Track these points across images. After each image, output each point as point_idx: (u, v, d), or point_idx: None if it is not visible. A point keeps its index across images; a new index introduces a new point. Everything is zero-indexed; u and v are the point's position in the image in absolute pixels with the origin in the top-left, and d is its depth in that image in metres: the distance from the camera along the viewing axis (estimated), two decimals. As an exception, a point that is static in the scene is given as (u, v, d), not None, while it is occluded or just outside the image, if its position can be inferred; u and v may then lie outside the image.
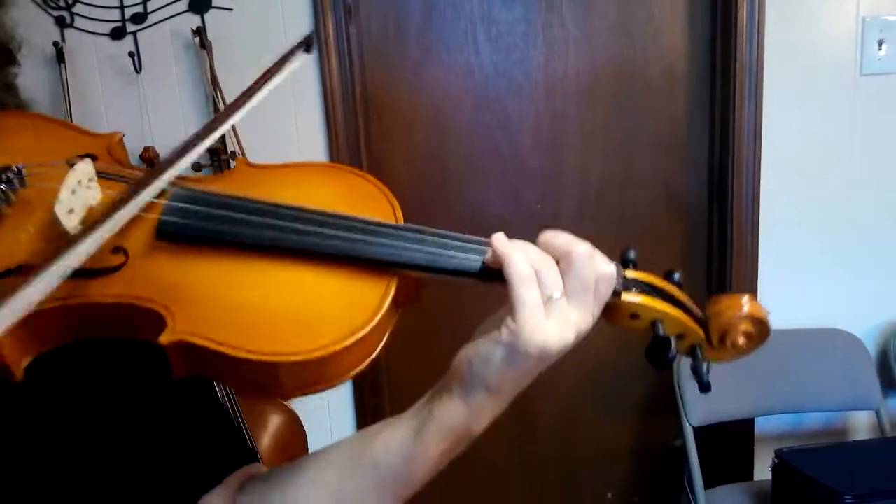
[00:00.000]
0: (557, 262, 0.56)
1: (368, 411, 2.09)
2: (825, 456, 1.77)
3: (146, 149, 1.84)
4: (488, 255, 0.57)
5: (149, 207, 0.55)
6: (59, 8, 1.84)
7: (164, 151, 1.86)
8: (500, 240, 0.56)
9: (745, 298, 0.61)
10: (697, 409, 1.94)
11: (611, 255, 0.61)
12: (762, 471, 2.08)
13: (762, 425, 2.17)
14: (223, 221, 0.55)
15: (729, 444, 2.16)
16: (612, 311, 0.59)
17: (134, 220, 0.54)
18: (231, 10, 1.85)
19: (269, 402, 1.72)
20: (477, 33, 2.00)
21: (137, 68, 1.87)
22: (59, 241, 0.51)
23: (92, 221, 0.51)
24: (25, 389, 0.52)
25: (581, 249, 0.56)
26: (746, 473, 2.17)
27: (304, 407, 1.80)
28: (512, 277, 0.54)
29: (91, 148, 0.62)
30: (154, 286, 0.52)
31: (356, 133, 1.95)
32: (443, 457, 0.59)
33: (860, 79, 1.98)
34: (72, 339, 0.53)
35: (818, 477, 1.66)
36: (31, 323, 0.49)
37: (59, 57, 1.81)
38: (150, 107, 1.89)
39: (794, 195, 2.05)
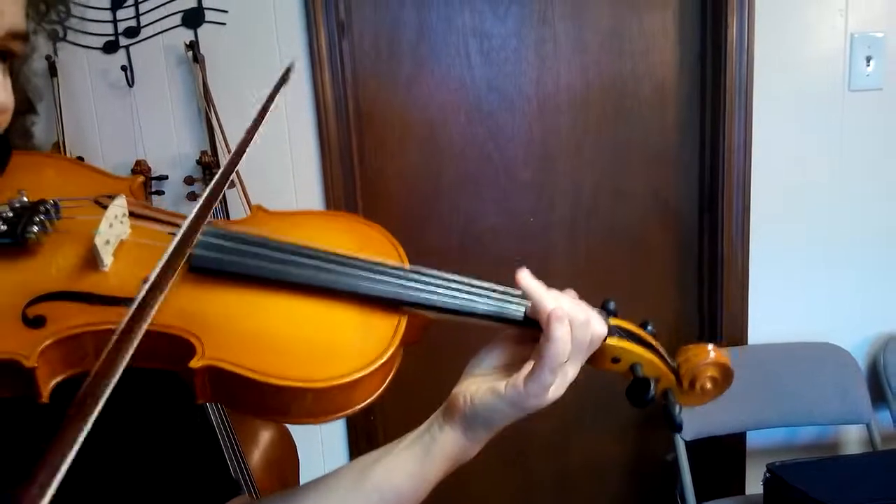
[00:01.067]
0: None
1: (360, 432, 2.09)
2: (816, 470, 1.77)
3: (138, 162, 1.84)
4: (529, 310, 0.62)
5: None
6: (52, 22, 1.83)
7: (155, 165, 1.87)
8: (560, 319, 0.59)
9: (710, 347, 0.69)
10: (689, 424, 1.94)
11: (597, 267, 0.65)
12: (754, 485, 2.08)
13: (754, 439, 2.17)
14: (251, 257, 0.59)
15: (721, 458, 2.16)
16: (595, 356, 0.66)
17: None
18: (224, 24, 1.86)
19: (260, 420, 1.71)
20: (469, 48, 2.01)
21: (130, 82, 1.87)
22: (92, 268, 0.56)
23: (134, 259, 0.57)
24: (43, 410, 0.52)
25: (581, 318, 0.61)
26: (738, 487, 2.17)
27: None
28: (549, 357, 0.58)
29: (113, 189, 0.65)
30: (184, 316, 0.55)
31: (349, 147, 1.95)
32: (440, 479, 0.63)
33: (848, 94, 2.00)
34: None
35: (810, 491, 1.66)
36: (68, 345, 0.52)
37: (52, 71, 1.81)
38: (142, 121, 1.89)
39: (784, 209, 2.06)
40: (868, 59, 1.98)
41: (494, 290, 0.66)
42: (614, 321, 0.68)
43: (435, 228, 2.10)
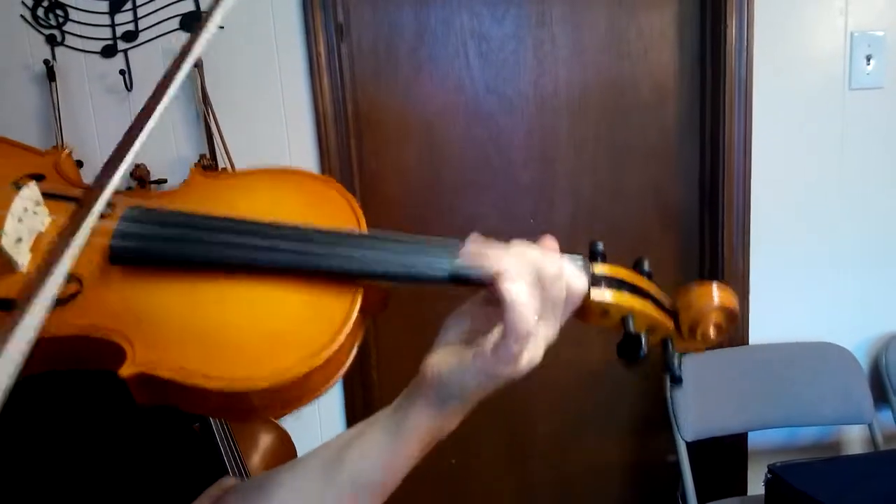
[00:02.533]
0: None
1: (358, 415, 2.08)
2: (818, 471, 1.77)
3: (137, 167, 1.84)
4: (460, 262, 0.56)
5: (100, 231, 0.53)
6: (50, 26, 1.84)
7: (154, 169, 1.86)
8: (497, 257, 0.54)
9: (715, 287, 0.61)
10: (690, 424, 1.94)
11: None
12: (755, 485, 2.07)
13: (755, 440, 2.17)
14: (177, 241, 0.53)
15: (722, 459, 2.16)
16: (581, 311, 0.58)
17: (86, 245, 0.51)
18: (222, 28, 1.85)
19: (259, 422, 1.71)
20: (468, 50, 2.01)
21: (128, 86, 1.87)
22: (8, 272, 0.49)
23: (44, 251, 0.50)
24: None
25: (551, 269, 0.54)
26: (740, 488, 2.16)
27: (293, 415, 1.80)
28: (513, 327, 0.52)
29: (38, 167, 0.59)
30: (111, 314, 0.50)
31: (348, 150, 1.95)
32: (418, 456, 0.58)
33: (848, 93, 2.00)
34: (31, 373, 0.50)
35: (811, 492, 1.65)
36: None
37: (50, 75, 1.81)
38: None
39: (785, 209, 2.05)
40: (868, 58, 1.97)
41: (452, 248, 0.59)
42: (602, 268, 0.60)
43: (434, 231, 2.06)
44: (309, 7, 1.85)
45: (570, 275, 0.56)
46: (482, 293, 0.58)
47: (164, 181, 1.88)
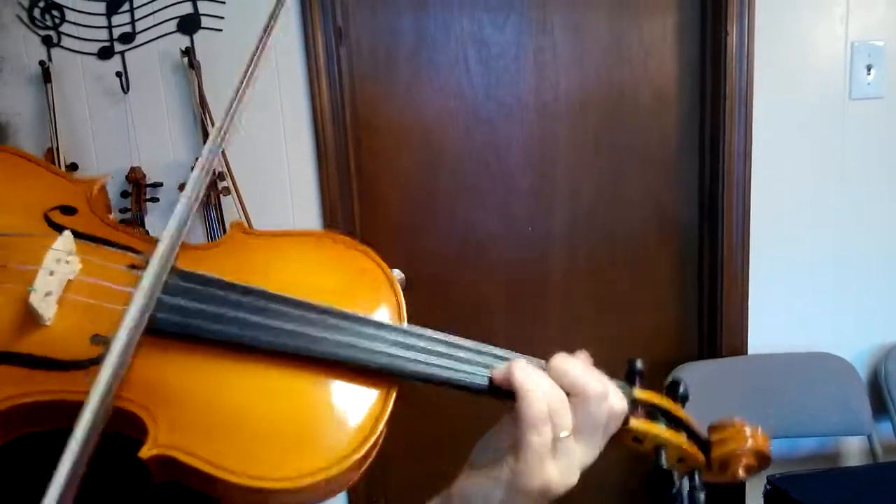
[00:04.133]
0: (568, 395, 0.53)
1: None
2: (817, 482, 1.76)
3: (132, 169, 1.82)
4: (499, 375, 0.53)
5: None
6: (46, 27, 1.82)
7: (150, 172, 1.85)
8: (521, 370, 0.52)
9: (749, 431, 0.61)
10: (689, 434, 1.92)
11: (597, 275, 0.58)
12: (754, 496, 2.06)
13: (754, 450, 2.15)
14: (219, 321, 0.50)
15: (720, 469, 2.14)
16: (616, 435, 0.57)
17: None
18: (220, 30, 1.84)
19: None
20: (468, 55, 2.00)
21: (125, 88, 1.85)
22: (34, 327, 0.47)
23: (77, 305, 0.48)
24: None
25: (597, 389, 0.53)
26: (739, 499, 2.15)
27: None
28: (525, 418, 0.50)
29: (70, 197, 0.57)
30: (137, 385, 0.47)
31: (346, 155, 1.94)
32: None
33: (849, 103, 1.99)
34: (41, 429, 0.48)
35: (810, 503, 1.64)
36: (6, 415, 0.45)
37: (46, 76, 1.79)
38: (137, 127, 1.87)
39: (784, 218, 2.05)
40: (869, 68, 1.97)
41: (496, 356, 0.55)
42: (642, 393, 0.59)
43: (432, 236, 2.08)
44: (308, 10, 1.84)
45: (614, 396, 0.54)
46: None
47: (161, 184, 1.86)
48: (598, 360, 0.59)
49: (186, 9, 1.83)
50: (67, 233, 0.51)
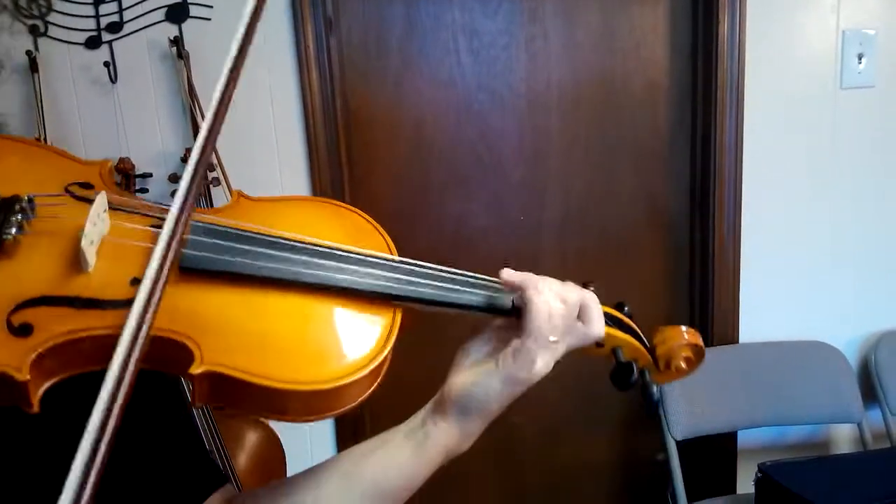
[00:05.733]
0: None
1: (348, 425, 2.06)
2: (808, 470, 1.77)
3: (121, 160, 1.81)
4: (515, 283, 0.65)
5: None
6: (33, 16, 1.80)
7: (139, 163, 1.83)
8: (538, 288, 0.64)
9: (684, 329, 0.74)
10: (680, 423, 1.93)
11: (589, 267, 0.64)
12: (745, 484, 2.07)
13: (745, 438, 2.16)
14: (244, 255, 0.58)
15: (712, 458, 2.16)
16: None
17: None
18: (209, 19, 1.83)
19: (246, 420, 1.68)
20: (459, 45, 1.99)
21: (113, 78, 1.83)
22: (79, 272, 0.53)
23: (118, 255, 0.55)
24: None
25: (574, 295, 0.65)
26: (730, 487, 2.16)
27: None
28: (533, 327, 0.62)
29: (84, 175, 0.62)
30: (177, 318, 0.53)
31: (337, 146, 1.93)
32: (436, 467, 0.65)
33: (840, 92, 1.99)
34: (89, 369, 0.52)
35: (801, 491, 1.65)
36: (57, 353, 0.50)
37: (33, 66, 1.77)
38: (125, 117, 1.85)
39: (775, 208, 2.05)
40: (860, 57, 1.97)
41: (483, 281, 0.67)
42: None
43: (424, 228, 2.08)
44: (298, 1, 1.82)
45: (594, 304, 0.66)
46: (500, 321, 0.67)
47: (150, 175, 1.85)
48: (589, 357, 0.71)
49: (175, -2, 1.81)
50: (103, 192, 0.58)
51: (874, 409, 2.04)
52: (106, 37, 1.83)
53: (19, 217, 0.54)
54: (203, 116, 1.79)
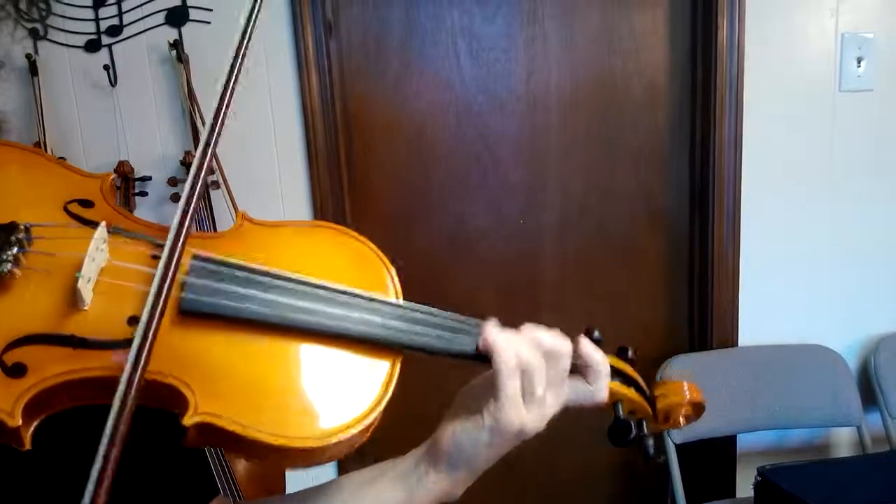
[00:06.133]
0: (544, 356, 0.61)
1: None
2: (807, 473, 1.77)
3: (121, 163, 1.81)
4: (480, 342, 0.61)
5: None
6: (33, 19, 1.79)
7: (138, 166, 1.83)
8: (490, 332, 0.60)
9: (685, 385, 0.72)
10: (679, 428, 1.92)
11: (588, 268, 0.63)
12: (744, 487, 2.07)
13: (744, 442, 2.16)
14: (246, 300, 0.55)
15: (711, 461, 2.15)
16: None
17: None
18: (209, 23, 1.83)
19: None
20: (458, 47, 1.99)
21: (112, 81, 1.83)
22: (75, 310, 0.51)
23: (111, 292, 0.52)
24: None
25: (564, 348, 0.62)
26: (729, 490, 2.16)
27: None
28: (499, 371, 0.59)
29: (84, 190, 0.60)
30: (172, 361, 0.51)
31: (336, 148, 1.93)
32: None
33: (839, 95, 1.99)
34: (82, 404, 0.52)
35: (800, 494, 1.65)
36: (50, 393, 0.48)
37: (32, 69, 1.77)
38: (125, 120, 1.86)
39: (774, 210, 2.05)
40: (859, 60, 1.97)
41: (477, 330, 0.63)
42: None
43: (423, 230, 2.08)
44: (297, 3, 1.82)
45: (602, 366, 0.65)
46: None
47: (149, 178, 1.85)
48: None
49: (174, 1, 1.82)
50: (103, 223, 0.55)
51: (873, 412, 2.04)
52: (106, 40, 1.83)
53: (15, 251, 0.51)
54: (202, 119, 1.79)
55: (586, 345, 0.65)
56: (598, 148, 2.08)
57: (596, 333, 0.69)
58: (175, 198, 1.82)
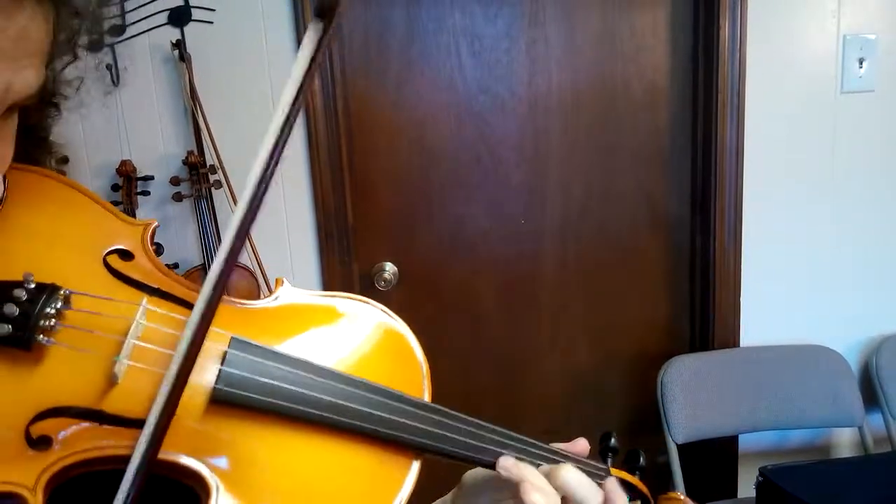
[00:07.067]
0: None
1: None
2: (809, 473, 1.77)
3: (123, 163, 1.81)
4: (503, 470, 0.60)
5: (202, 365, 0.52)
6: (35, 19, 1.80)
7: (141, 166, 1.83)
8: (529, 484, 0.59)
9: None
10: (681, 427, 1.93)
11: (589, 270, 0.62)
12: (746, 487, 2.07)
13: (746, 442, 2.16)
14: (280, 396, 0.53)
15: (713, 462, 2.15)
16: None
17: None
18: (211, 23, 1.83)
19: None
20: (460, 48, 1.99)
21: (115, 81, 1.84)
22: (109, 386, 0.49)
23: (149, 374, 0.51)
24: None
25: (585, 495, 0.61)
26: (730, 491, 2.16)
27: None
28: None
29: (124, 238, 0.58)
30: (199, 447, 0.50)
31: (338, 148, 1.93)
32: None
33: (840, 96, 2.00)
34: (103, 469, 0.50)
35: (802, 495, 1.65)
36: (68, 469, 0.47)
37: (35, 69, 1.77)
38: (127, 120, 1.86)
39: (776, 211, 2.05)
40: (861, 61, 1.97)
41: (509, 441, 0.62)
42: (614, 473, 0.69)
43: (425, 231, 2.08)
44: (299, 3, 1.83)
45: (616, 494, 0.64)
46: None
47: (151, 178, 1.85)
48: (590, 354, 0.67)
49: (177, 1, 1.81)
50: (145, 301, 0.53)
51: (875, 413, 2.04)
52: (108, 40, 1.83)
53: (53, 322, 0.48)
54: (205, 119, 1.79)
55: (612, 490, 0.64)
56: (599, 149, 2.08)
57: (612, 441, 0.70)
58: (177, 197, 1.82)
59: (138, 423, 0.47)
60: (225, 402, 0.51)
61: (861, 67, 1.97)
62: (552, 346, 2.17)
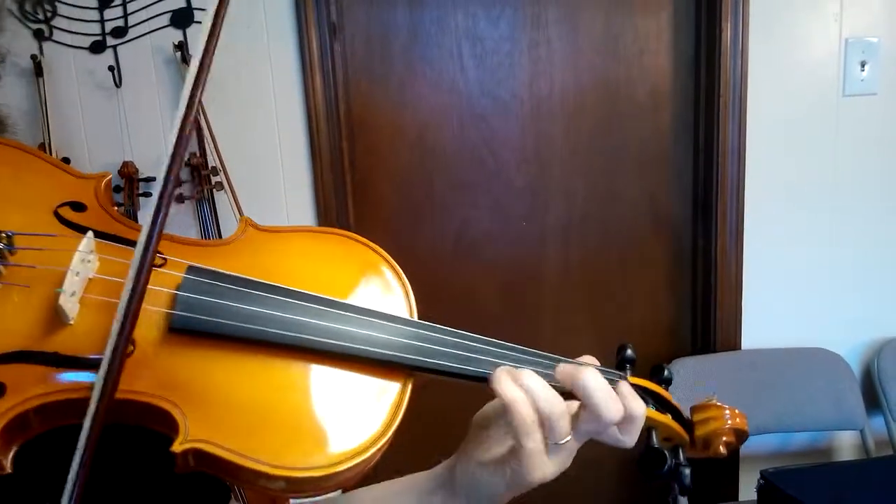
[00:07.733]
0: (572, 394, 0.54)
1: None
2: (810, 477, 1.77)
3: (125, 164, 1.81)
4: (490, 382, 0.55)
5: (158, 294, 0.50)
6: (38, 21, 1.81)
7: (143, 167, 1.84)
8: (502, 382, 0.53)
9: (727, 412, 0.66)
10: (683, 430, 1.92)
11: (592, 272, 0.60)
12: (747, 490, 2.07)
13: (747, 445, 2.13)
14: (242, 318, 0.50)
15: (714, 464, 2.14)
16: None
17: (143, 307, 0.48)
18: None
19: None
20: (462, 51, 1.99)
21: (117, 83, 1.84)
22: (59, 327, 0.48)
23: (98, 306, 0.48)
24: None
25: (602, 399, 0.53)
26: (732, 493, 2.16)
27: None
28: (515, 428, 0.52)
29: (78, 192, 0.56)
30: (163, 382, 0.48)
31: (340, 151, 1.93)
32: None
33: (842, 99, 1.99)
34: (66, 423, 0.48)
35: (803, 498, 1.65)
36: (31, 415, 0.45)
37: (38, 70, 1.78)
38: (129, 121, 1.86)
39: (778, 214, 2.05)
40: (863, 64, 1.97)
41: (505, 351, 0.57)
42: (632, 380, 0.61)
43: (427, 233, 2.08)
44: (302, 5, 1.83)
45: (637, 413, 0.56)
46: None
47: (153, 179, 1.85)
48: (592, 355, 0.61)
49: (179, 3, 1.82)
50: (90, 234, 0.52)
51: (877, 416, 2.04)
52: (110, 41, 1.83)
53: None
54: (206, 121, 1.80)
55: (627, 395, 0.56)
56: (601, 152, 2.08)
57: (629, 352, 0.63)
58: (179, 199, 1.82)
59: (95, 364, 0.45)
60: (184, 330, 0.49)
61: (863, 70, 1.97)
62: (553, 348, 2.16)
